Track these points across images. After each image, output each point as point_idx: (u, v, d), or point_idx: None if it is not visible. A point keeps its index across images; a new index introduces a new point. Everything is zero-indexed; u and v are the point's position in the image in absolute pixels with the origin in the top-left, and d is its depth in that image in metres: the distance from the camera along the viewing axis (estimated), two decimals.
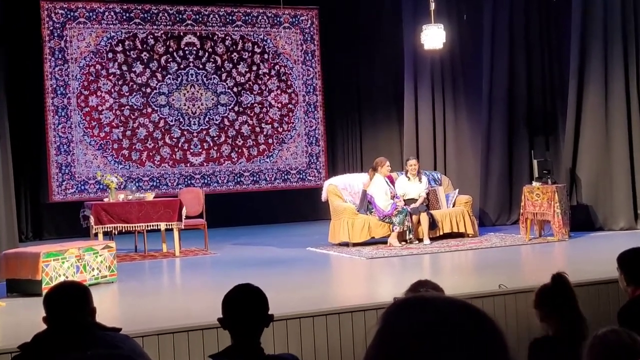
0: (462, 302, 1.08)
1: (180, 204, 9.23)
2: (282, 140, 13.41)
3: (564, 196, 9.32)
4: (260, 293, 2.96)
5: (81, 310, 2.85)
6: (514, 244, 9.05)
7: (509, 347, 1.06)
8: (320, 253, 9.01)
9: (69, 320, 2.80)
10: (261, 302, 2.93)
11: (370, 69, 13.48)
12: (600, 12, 9.98)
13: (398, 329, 1.05)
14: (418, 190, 9.71)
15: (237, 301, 2.92)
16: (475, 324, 1.05)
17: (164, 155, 12.69)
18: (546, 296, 3.44)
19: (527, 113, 11.49)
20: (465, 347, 1.02)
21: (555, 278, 3.48)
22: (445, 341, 1.02)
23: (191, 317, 5.28)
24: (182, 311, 5.78)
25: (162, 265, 8.76)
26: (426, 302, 1.08)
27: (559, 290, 3.41)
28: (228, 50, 13.07)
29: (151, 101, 12.63)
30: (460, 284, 6.46)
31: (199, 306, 5.83)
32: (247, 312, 2.88)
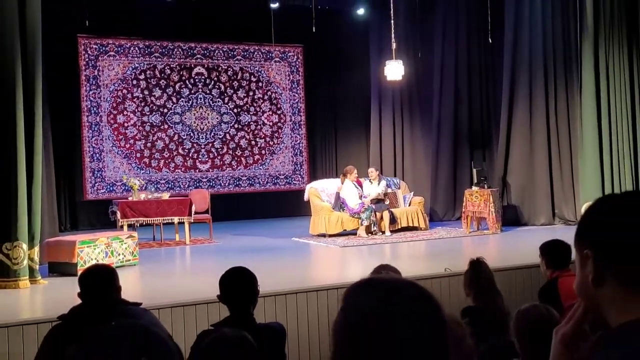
0: (409, 281, 1.07)
1: (190, 202, 9.19)
2: (272, 151, 13.38)
3: (497, 198, 9.37)
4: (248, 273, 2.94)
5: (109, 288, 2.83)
6: (457, 236, 9.09)
7: (445, 318, 1.05)
8: (302, 242, 9.00)
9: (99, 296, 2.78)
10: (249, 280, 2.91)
11: (344, 94, 13.49)
12: (526, 52, 10.06)
13: (358, 306, 1.03)
14: (377, 190, 9.73)
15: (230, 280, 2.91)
16: (421, 300, 1.04)
17: (178, 163, 12.62)
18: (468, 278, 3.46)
19: (469, 132, 11.55)
20: (414, 318, 1.01)
21: (471, 263, 3.50)
22: (398, 314, 1.01)
23: (198, 293, 5.26)
24: (191, 288, 5.76)
25: (175, 251, 8.73)
26: (380, 283, 1.06)
27: (475, 271, 3.43)
28: (230, 79, 13.02)
29: (167, 119, 12.56)
30: (414, 267, 6.48)
31: (205, 284, 5.80)
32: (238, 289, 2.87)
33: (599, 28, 9.20)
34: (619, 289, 1.06)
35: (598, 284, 1.08)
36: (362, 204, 9.35)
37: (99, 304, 2.75)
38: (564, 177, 9.99)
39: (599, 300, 1.09)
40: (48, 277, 6.62)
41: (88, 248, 6.85)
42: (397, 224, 9.56)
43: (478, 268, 3.43)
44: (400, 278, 1.08)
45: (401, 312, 1.01)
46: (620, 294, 1.06)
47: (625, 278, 1.06)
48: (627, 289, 1.06)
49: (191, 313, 4.83)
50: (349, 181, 9.56)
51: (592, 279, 1.08)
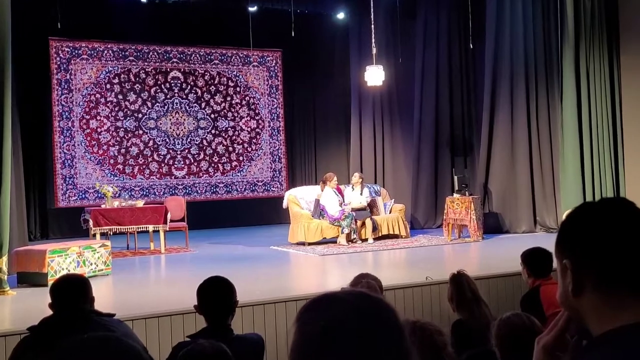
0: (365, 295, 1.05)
1: (165, 209, 9.14)
2: (250, 157, 13.35)
3: (478, 205, 9.43)
4: (227, 283, 2.93)
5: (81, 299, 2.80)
6: (439, 244, 9.12)
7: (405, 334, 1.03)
8: (281, 251, 8.98)
9: (71, 307, 2.75)
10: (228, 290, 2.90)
11: (323, 100, 13.52)
12: (507, 58, 10.16)
13: (312, 323, 1.01)
14: (359, 199, 9.72)
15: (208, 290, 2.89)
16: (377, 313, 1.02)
17: (153, 170, 12.54)
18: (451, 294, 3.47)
19: (450, 138, 11.62)
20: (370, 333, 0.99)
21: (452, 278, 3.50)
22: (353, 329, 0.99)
23: (173, 303, 5.21)
24: (166, 299, 5.71)
25: (150, 260, 8.65)
26: (334, 299, 1.04)
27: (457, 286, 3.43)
28: (207, 83, 12.99)
29: (142, 124, 12.48)
30: (394, 275, 6.49)
31: (181, 294, 5.76)
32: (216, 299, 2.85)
33: (580, 33, 9.34)
34: (599, 298, 1.07)
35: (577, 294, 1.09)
36: (342, 211, 9.36)
37: (71, 315, 2.72)
38: (545, 183, 10.09)
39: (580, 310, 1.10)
40: (17, 287, 6.51)
41: (59, 257, 6.77)
42: (378, 232, 9.57)
43: (459, 282, 3.45)
44: (359, 292, 1.06)
45: (356, 327, 0.99)
46: (600, 303, 1.07)
47: (604, 287, 1.07)
48: (606, 298, 1.06)
49: (166, 324, 4.79)
50: (329, 188, 9.57)
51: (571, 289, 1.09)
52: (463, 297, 3.38)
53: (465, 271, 3.57)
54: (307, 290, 5.84)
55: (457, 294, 3.41)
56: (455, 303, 3.43)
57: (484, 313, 3.35)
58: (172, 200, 10.32)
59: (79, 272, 6.32)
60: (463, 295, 3.40)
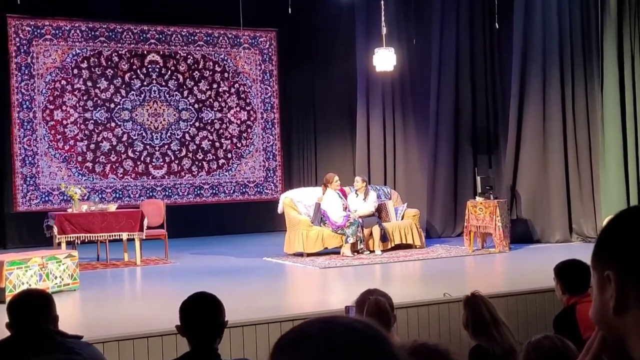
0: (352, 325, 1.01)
1: (141, 214, 9.14)
2: (240, 155, 13.36)
3: (504, 210, 9.43)
4: (216, 300, 2.93)
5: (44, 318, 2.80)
6: (458, 255, 9.13)
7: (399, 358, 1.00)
8: (275, 263, 8.98)
9: (32, 328, 2.75)
10: (216, 309, 2.91)
11: (325, 88, 13.51)
12: (539, 39, 10.16)
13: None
14: (365, 207, 9.69)
15: (194, 308, 2.89)
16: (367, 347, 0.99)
17: (127, 168, 12.54)
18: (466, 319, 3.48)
19: (472, 132, 11.62)
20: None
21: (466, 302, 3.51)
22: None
23: (151, 323, 5.22)
24: (142, 318, 5.71)
25: (124, 273, 8.65)
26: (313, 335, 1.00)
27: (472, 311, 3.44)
28: (190, 68, 12.99)
29: (115, 116, 12.48)
30: (407, 292, 6.48)
31: (159, 313, 5.77)
32: (203, 318, 2.86)
33: (623, 13, 9.33)
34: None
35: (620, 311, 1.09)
36: (347, 216, 9.36)
37: (32, 336, 2.72)
38: (582, 186, 10.09)
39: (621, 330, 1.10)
40: None
41: (18, 270, 6.77)
42: (389, 242, 9.57)
43: (475, 305, 3.46)
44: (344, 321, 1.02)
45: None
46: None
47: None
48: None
49: (142, 347, 4.79)
50: (331, 191, 9.57)
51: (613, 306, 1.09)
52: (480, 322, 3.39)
53: (479, 292, 3.58)
54: (305, 309, 5.84)
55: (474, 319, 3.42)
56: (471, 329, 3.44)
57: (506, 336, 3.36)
58: (150, 204, 10.33)
59: (41, 287, 6.32)
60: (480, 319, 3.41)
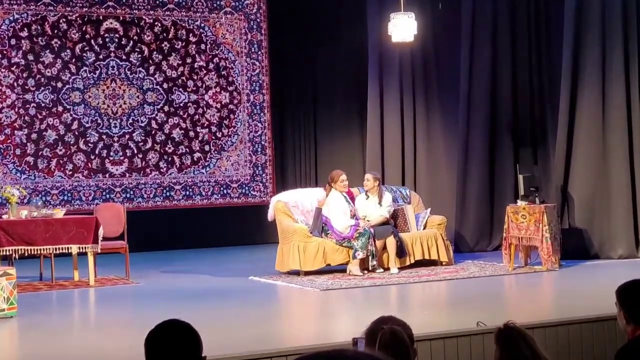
0: None
1: (96, 222, 9.11)
2: (221, 147, 13.34)
3: (554, 218, 9.41)
4: (191, 331, 2.92)
5: None
6: (495, 274, 9.11)
7: None
8: (265, 283, 8.96)
9: None
10: (192, 341, 2.90)
11: (328, 64, 13.48)
12: (597, 3, 10.13)
13: None
14: (378, 212, 9.66)
15: (163, 340, 2.88)
16: None
17: (78, 164, 12.53)
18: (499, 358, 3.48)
19: (512, 119, 11.59)
20: None
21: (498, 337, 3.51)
22: None
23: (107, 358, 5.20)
24: (96, 352, 5.70)
25: (73, 296, 8.62)
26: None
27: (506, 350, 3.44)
28: (157, 38, 12.98)
29: (63, 98, 12.47)
30: (431, 321, 6.47)
31: (118, 346, 5.75)
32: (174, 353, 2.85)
33: None
34: None
35: None
36: (355, 225, 9.35)
37: None
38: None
39: None
40: None
41: None
42: (408, 258, 9.55)
43: (511, 340, 3.46)
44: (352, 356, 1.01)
45: None
46: None
47: None
48: None
49: None
50: (336, 192, 9.54)
51: None
52: None
53: (514, 322, 3.59)
54: (303, 341, 5.83)
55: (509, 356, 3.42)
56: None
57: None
58: (107, 209, 10.33)
59: None
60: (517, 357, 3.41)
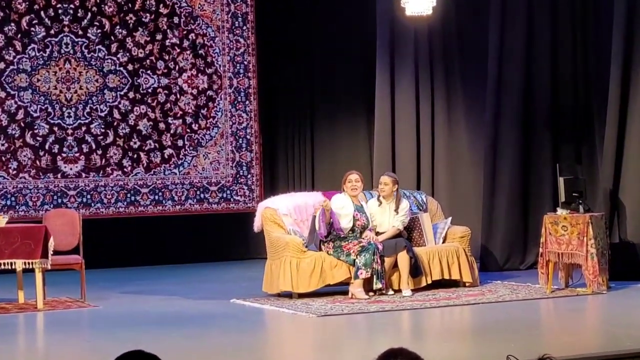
0: None
1: (45, 232, 9.11)
2: (197, 142, 13.34)
3: (601, 230, 9.41)
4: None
5: None
6: (530, 298, 9.12)
7: None
8: (250, 307, 8.97)
9: None
10: None
11: (328, 42, 13.50)
12: None
13: None
14: (391, 222, 9.64)
15: None
16: None
17: (23, 162, 12.54)
18: None
19: (551, 112, 11.61)
20: None
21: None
22: None
23: None
24: None
25: (18, 322, 8.63)
26: None
27: None
28: (121, 10, 12.99)
29: (5, 81, 12.48)
30: (452, 354, 6.48)
31: None
32: None
33: None
34: None
35: None
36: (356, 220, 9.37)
37: None
38: None
39: None
40: None
41: None
42: (424, 278, 9.53)
43: None
44: None
45: None
46: None
47: None
48: None
49: None
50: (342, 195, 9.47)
51: None
52: None
53: (552, 357, 3.60)
54: None
55: None
56: None
57: None
58: (59, 217, 10.33)
59: None
60: None
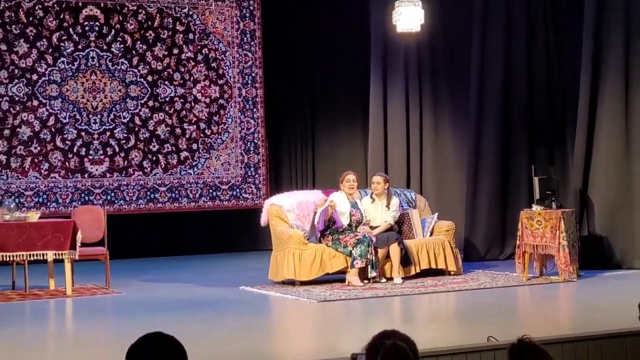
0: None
1: (74, 227, 9.12)
2: (210, 145, 13.34)
3: (572, 224, 9.41)
4: (174, 344, 2.93)
5: None
6: (508, 285, 9.10)
7: None
8: (257, 294, 8.98)
9: None
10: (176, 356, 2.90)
11: (328, 56, 13.48)
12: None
13: None
14: (383, 217, 9.67)
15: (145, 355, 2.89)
16: None
17: (54, 163, 12.53)
18: None
19: (528, 116, 11.58)
20: None
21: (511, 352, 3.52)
22: None
23: None
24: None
25: (48, 307, 8.61)
26: None
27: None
28: (141, 27, 12.98)
29: (38, 91, 12.47)
30: (438, 335, 6.47)
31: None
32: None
33: None
34: None
35: None
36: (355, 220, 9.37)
37: None
38: None
39: None
40: None
41: None
42: (413, 267, 9.54)
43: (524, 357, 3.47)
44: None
45: None
46: None
47: None
48: None
49: None
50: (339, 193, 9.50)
51: None
52: None
53: (530, 338, 3.61)
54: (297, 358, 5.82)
55: None
56: None
57: None
58: (85, 213, 10.32)
59: None
60: None
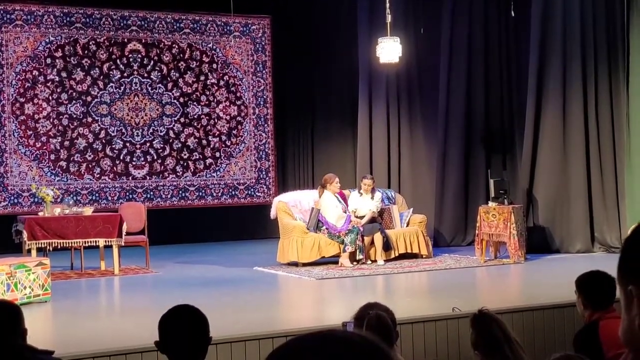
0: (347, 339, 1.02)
1: (120, 219, 9.14)
2: (230, 154, 13.36)
3: (520, 217, 9.43)
4: (199, 314, 2.92)
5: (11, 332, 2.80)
6: (469, 266, 9.14)
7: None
8: (267, 273, 8.99)
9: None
10: (199, 323, 2.89)
11: (324, 81, 13.50)
12: (559, 27, 10.15)
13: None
14: (369, 206, 9.75)
15: (173, 322, 2.88)
16: None
17: (104, 168, 12.54)
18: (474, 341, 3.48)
19: (485, 131, 11.63)
20: None
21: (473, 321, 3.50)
22: None
23: (129, 339, 5.21)
24: (119, 333, 5.71)
25: (100, 284, 8.66)
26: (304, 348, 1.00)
27: (481, 332, 3.44)
28: (175, 58, 12.99)
29: (92, 110, 12.47)
30: (412, 306, 6.50)
31: (138, 327, 5.77)
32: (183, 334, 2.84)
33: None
34: None
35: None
36: (348, 218, 9.37)
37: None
38: (606, 190, 10.09)
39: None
40: None
41: None
42: (393, 252, 9.57)
43: (484, 325, 3.46)
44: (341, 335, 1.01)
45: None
46: None
47: None
48: None
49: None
50: (329, 193, 9.57)
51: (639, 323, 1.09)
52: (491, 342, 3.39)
53: (488, 309, 3.59)
54: (299, 324, 5.83)
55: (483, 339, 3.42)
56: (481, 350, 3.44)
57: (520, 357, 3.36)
58: (129, 208, 10.33)
59: (8, 298, 6.31)
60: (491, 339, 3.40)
